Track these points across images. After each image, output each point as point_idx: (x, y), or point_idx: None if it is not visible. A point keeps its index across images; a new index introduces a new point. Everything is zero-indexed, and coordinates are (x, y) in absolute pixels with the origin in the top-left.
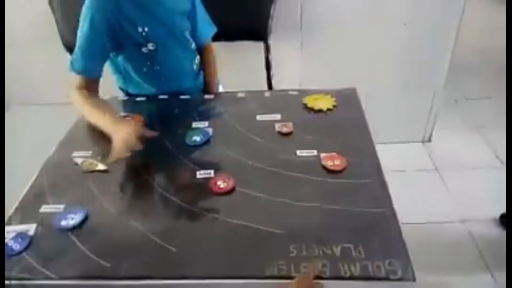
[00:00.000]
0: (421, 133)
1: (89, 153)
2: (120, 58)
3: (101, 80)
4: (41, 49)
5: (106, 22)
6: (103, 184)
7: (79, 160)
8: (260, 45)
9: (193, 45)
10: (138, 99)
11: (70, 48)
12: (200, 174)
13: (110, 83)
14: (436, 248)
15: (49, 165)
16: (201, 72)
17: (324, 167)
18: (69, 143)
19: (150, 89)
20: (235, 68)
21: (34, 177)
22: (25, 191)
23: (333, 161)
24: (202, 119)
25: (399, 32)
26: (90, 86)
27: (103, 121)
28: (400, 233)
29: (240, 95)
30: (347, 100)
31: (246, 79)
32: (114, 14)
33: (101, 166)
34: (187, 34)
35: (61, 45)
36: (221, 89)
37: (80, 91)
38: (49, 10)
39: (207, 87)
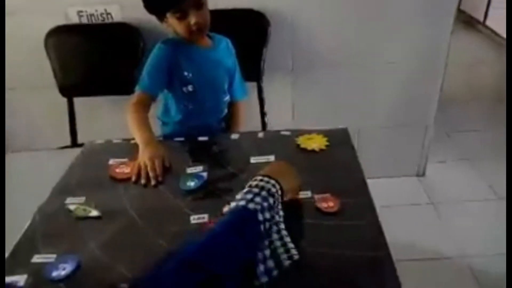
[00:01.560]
0: (415, 167)
1: (82, 199)
2: (167, 92)
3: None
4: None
5: (167, 60)
6: (96, 231)
7: (72, 207)
8: (253, 85)
9: (227, 98)
10: (133, 142)
11: (66, 94)
12: (194, 219)
13: None
14: (436, 286)
15: (42, 212)
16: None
17: (318, 209)
18: (62, 190)
19: (179, 119)
20: None
21: (27, 225)
22: (17, 240)
23: (327, 203)
24: (196, 162)
25: (389, 70)
26: (146, 103)
27: (139, 137)
28: (396, 277)
29: (234, 136)
30: (340, 140)
31: None
32: (172, 57)
33: (94, 213)
34: (225, 86)
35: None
36: None
37: (136, 105)
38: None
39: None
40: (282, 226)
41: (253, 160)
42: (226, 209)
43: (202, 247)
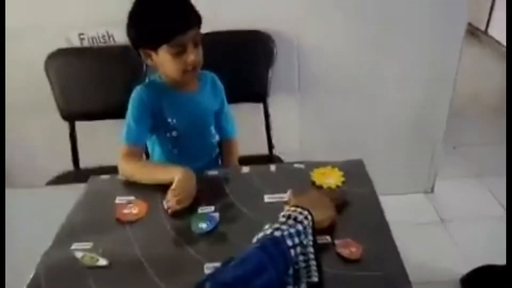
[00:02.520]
0: (423, 184)
1: (89, 244)
2: (151, 137)
3: None
4: (36, 118)
5: (150, 105)
6: (105, 283)
7: (79, 254)
8: (259, 105)
9: (216, 139)
10: None
11: (67, 118)
12: (208, 268)
13: None
14: None
15: (46, 261)
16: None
17: (339, 255)
18: (67, 234)
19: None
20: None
21: (31, 276)
22: None
23: (349, 249)
24: (207, 202)
25: (397, 88)
26: (139, 155)
27: (163, 170)
28: None
29: (245, 170)
30: (356, 174)
31: (247, 138)
32: (155, 102)
33: (102, 261)
34: (212, 128)
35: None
36: None
37: (128, 157)
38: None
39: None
40: (311, 249)
41: (267, 199)
42: (254, 239)
43: (237, 272)
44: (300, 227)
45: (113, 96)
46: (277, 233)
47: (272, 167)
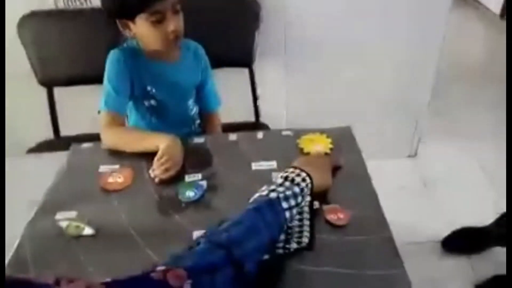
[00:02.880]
0: (408, 148)
1: (73, 213)
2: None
3: None
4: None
5: (128, 71)
6: (92, 253)
7: (63, 224)
8: (245, 70)
9: (194, 112)
10: None
11: (45, 83)
12: (197, 235)
13: None
14: (435, 268)
15: (30, 231)
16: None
17: (328, 221)
18: (50, 204)
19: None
20: (221, 95)
21: (15, 245)
22: (6, 263)
23: (337, 215)
24: (194, 170)
25: (384, 52)
26: (121, 122)
27: (148, 138)
28: None
29: (232, 137)
30: (344, 141)
31: (232, 105)
32: (133, 68)
33: (88, 230)
34: (190, 103)
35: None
36: None
37: (110, 125)
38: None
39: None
40: (306, 211)
41: (254, 166)
42: (251, 200)
43: (231, 233)
44: (297, 189)
45: (91, 60)
46: (273, 195)
47: (260, 134)
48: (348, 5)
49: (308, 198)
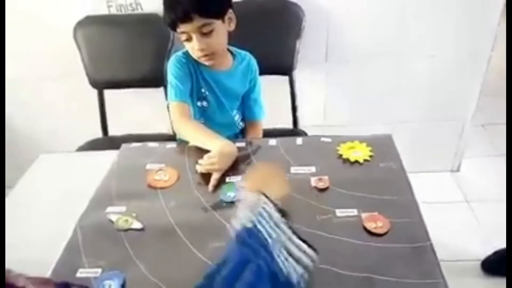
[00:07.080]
0: (450, 162)
1: (123, 208)
2: None
3: None
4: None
5: (189, 71)
6: (140, 245)
7: (113, 217)
8: (285, 78)
9: (238, 117)
10: (168, 146)
11: (96, 85)
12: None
13: None
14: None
15: (83, 224)
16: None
17: (366, 229)
18: (101, 199)
19: None
20: None
21: (69, 236)
22: (60, 253)
23: (376, 223)
24: (235, 171)
25: (428, 63)
26: (189, 113)
27: (212, 140)
28: None
29: (272, 142)
30: (384, 149)
31: (271, 111)
32: (193, 70)
33: (136, 224)
34: (234, 112)
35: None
36: None
37: (184, 117)
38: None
39: None
40: (284, 227)
41: (293, 170)
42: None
43: (223, 275)
44: (262, 211)
45: (140, 65)
46: (248, 224)
47: (299, 140)
48: (393, 13)
49: (276, 215)
